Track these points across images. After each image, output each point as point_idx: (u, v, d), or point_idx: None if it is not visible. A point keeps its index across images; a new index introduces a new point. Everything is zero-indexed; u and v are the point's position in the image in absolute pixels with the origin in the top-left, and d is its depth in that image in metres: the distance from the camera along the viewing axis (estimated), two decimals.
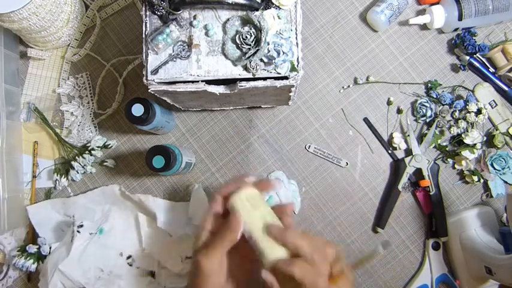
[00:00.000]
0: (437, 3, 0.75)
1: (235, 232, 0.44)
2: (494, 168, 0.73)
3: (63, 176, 0.74)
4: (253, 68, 0.53)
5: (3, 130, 0.70)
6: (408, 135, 0.74)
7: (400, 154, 0.75)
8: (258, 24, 0.52)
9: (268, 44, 0.53)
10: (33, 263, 0.70)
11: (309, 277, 0.40)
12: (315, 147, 0.75)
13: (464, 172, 0.74)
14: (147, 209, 0.71)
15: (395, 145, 0.74)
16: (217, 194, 0.47)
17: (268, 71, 0.54)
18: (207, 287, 0.44)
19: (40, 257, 0.71)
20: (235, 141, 0.76)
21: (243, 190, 0.45)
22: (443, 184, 0.74)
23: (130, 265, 0.71)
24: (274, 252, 0.42)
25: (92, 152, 0.73)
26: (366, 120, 0.76)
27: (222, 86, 0.58)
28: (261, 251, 0.42)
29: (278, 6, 0.54)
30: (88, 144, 0.74)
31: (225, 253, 0.45)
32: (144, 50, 0.55)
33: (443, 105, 0.74)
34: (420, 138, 0.75)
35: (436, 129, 0.74)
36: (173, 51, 0.55)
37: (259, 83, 0.54)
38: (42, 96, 0.77)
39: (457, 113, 0.74)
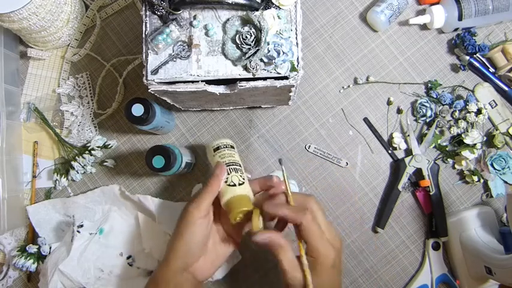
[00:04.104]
0: (437, 3, 0.75)
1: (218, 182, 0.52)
2: (494, 168, 0.73)
3: (63, 176, 0.74)
4: (253, 68, 0.53)
5: (3, 130, 0.70)
6: (408, 135, 0.74)
7: (400, 154, 0.75)
8: (258, 24, 0.52)
9: (268, 44, 0.53)
10: (33, 263, 0.70)
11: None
12: (315, 147, 0.75)
13: (464, 172, 0.74)
14: (147, 209, 0.71)
15: (395, 145, 0.74)
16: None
17: (268, 71, 0.54)
18: (192, 231, 0.51)
19: (40, 257, 0.71)
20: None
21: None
22: (443, 184, 0.74)
23: (131, 265, 0.71)
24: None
25: (92, 152, 0.73)
26: (366, 120, 0.76)
27: (222, 86, 0.58)
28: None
29: (278, 6, 0.54)
30: (88, 144, 0.74)
31: (210, 203, 0.52)
32: (144, 50, 0.55)
33: (443, 105, 0.74)
34: (420, 138, 0.75)
35: (436, 129, 0.74)
36: (173, 51, 0.55)
37: (259, 83, 0.54)
38: (42, 96, 0.77)
39: (457, 113, 0.74)
